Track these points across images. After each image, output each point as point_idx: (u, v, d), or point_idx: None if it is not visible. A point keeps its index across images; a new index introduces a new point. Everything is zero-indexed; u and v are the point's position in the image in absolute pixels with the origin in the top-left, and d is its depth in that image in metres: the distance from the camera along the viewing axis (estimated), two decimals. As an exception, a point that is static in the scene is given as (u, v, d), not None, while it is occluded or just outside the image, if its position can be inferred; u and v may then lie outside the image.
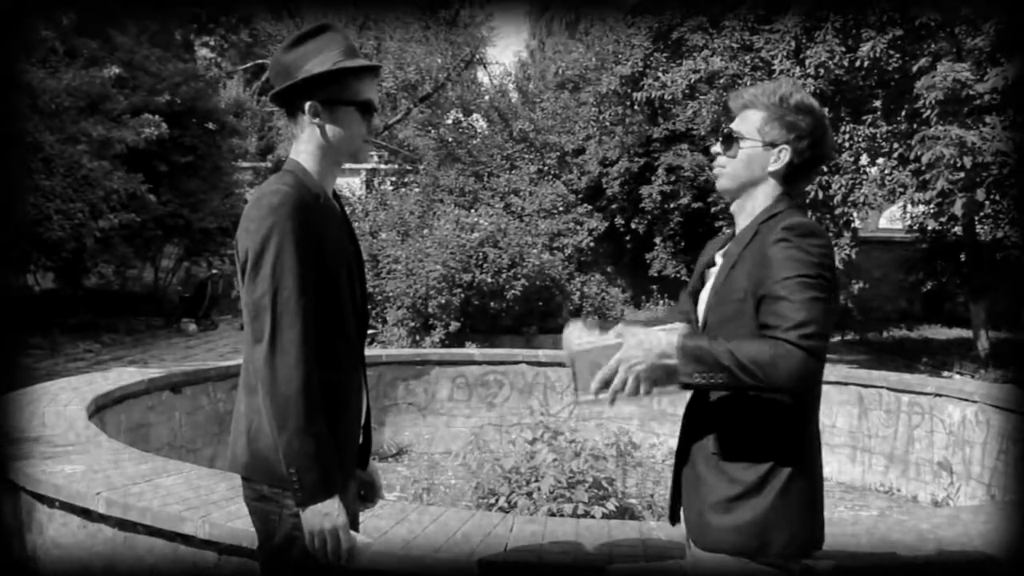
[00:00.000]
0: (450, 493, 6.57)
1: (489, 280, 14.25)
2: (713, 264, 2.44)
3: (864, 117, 12.96)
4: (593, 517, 4.94)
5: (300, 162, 2.37)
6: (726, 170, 2.36)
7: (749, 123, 2.33)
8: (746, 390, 2.12)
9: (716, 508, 2.22)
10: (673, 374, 2.12)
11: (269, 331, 2.16)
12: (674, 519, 2.52)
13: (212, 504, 3.77)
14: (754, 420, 2.21)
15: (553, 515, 4.96)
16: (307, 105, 2.32)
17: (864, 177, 13.32)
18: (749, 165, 2.32)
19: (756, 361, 2.03)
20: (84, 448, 4.68)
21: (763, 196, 2.33)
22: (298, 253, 2.19)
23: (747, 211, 2.35)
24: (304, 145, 2.37)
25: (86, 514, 3.97)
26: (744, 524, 2.18)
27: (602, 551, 3.36)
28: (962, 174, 11.15)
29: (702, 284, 2.45)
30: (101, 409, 6.01)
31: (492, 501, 5.56)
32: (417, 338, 14.39)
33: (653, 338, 2.14)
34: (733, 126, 2.36)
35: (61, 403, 5.78)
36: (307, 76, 2.30)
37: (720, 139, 2.38)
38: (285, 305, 2.17)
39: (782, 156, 2.30)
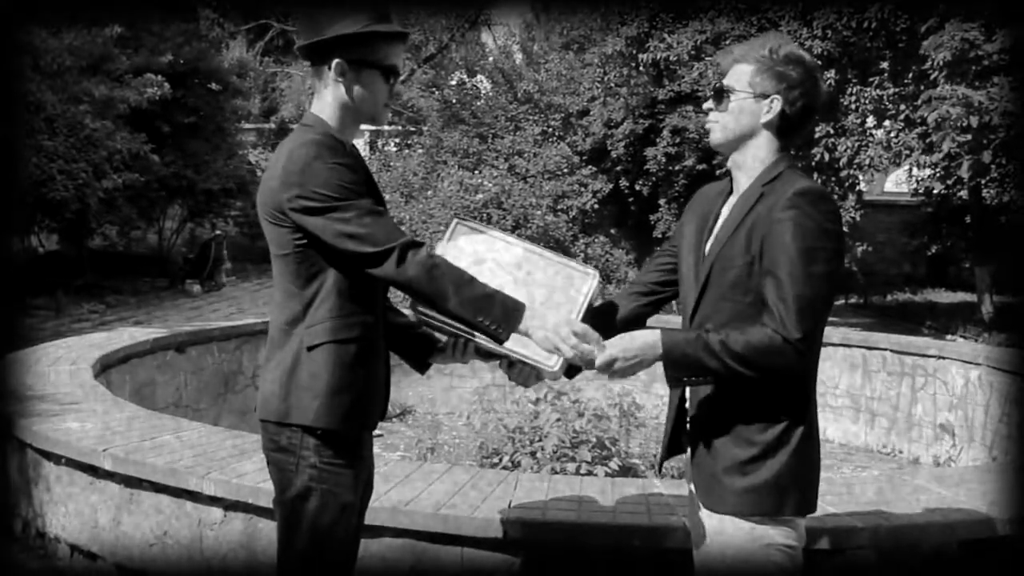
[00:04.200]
0: (454, 452, 6.61)
1: (493, 242, 14.19)
2: (719, 217, 2.39)
3: (871, 79, 12.83)
4: (596, 476, 4.98)
5: (323, 118, 2.38)
6: (719, 123, 2.33)
7: (739, 76, 2.30)
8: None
9: (731, 471, 2.21)
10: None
11: (373, 244, 2.21)
12: (660, 469, 2.69)
13: (218, 461, 3.80)
14: (766, 382, 2.18)
15: (557, 474, 4.99)
16: (334, 63, 2.32)
17: (870, 139, 13.21)
18: (741, 117, 2.29)
19: (746, 359, 2.11)
20: (90, 406, 4.71)
21: (760, 150, 2.30)
22: (357, 179, 2.28)
23: (746, 168, 2.32)
24: (326, 101, 2.38)
25: (92, 471, 4.01)
26: (760, 485, 2.18)
27: (606, 508, 3.38)
28: (969, 136, 11.05)
29: (706, 236, 2.39)
30: (107, 369, 6.04)
31: (496, 460, 5.60)
32: (421, 299, 14.36)
33: (638, 343, 2.20)
34: (724, 80, 2.34)
35: (67, 362, 5.81)
36: (337, 35, 2.30)
37: (711, 94, 2.36)
38: (375, 218, 2.24)
39: (774, 106, 2.27)
